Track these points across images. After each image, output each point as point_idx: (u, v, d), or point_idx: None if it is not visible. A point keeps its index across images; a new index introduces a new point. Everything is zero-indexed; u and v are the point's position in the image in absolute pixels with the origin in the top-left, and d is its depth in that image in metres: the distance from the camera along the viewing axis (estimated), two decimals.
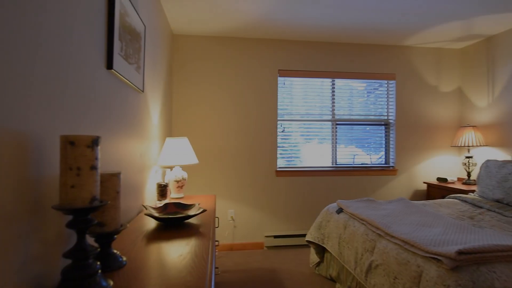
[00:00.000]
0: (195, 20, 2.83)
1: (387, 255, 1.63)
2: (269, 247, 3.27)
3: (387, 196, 3.53)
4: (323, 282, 2.46)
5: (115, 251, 0.97)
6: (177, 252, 1.09)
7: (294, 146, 3.50)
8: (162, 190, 1.92)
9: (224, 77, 3.26)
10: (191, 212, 1.58)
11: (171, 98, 3.14)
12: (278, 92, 3.38)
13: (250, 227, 3.29)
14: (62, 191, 0.73)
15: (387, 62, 3.54)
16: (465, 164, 3.26)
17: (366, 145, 3.62)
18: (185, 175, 2.17)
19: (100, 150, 1.18)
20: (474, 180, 3.19)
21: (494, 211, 2.32)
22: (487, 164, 2.71)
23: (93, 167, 0.76)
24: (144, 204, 1.66)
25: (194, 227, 1.42)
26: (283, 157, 3.46)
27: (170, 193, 2.20)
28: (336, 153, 3.52)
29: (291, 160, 3.48)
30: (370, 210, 2.22)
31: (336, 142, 3.52)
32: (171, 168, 2.35)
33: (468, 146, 3.20)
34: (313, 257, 2.65)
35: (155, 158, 2.23)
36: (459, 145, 3.27)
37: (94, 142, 0.76)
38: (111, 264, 0.92)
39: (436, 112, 3.61)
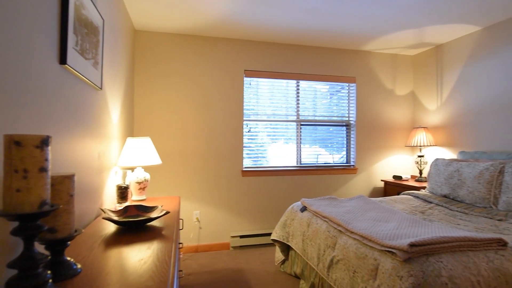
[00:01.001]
0: (158, 16, 2.74)
1: (347, 250, 1.71)
2: (235, 247, 3.26)
3: (348, 194, 3.69)
4: (288, 279, 2.51)
5: (68, 258, 0.91)
6: (137, 257, 1.05)
7: (261, 146, 3.53)
8: (123, 192, 1.84)
9: (189, 76, 3.20)
10: (154, 214, 1.53)
11: (133, 96, 3.02)
12: (244, 92, 3.39)
13: (216, 228, 3.26)
14: (6, 196, 0.67)
15: (348, 66, 3.70)
16: (418, 162, 3.51)
17: (329, 145, 3.76)
18: (147, 176, 2.09)
19: (51, 150, 1.10)
20: (425, 177, 3.44)
21: (442, 206, 2.53)
22: (436, 162, 2.94)
23: (43, 169, 0.70)
24: (102, 208, 1.58)
25: (157, 230, 1.38)
26: (249, 157, 3.48)
27: (132, 195, 2.11)
28: (300, 153, 3.61)
29: (258, 160, 3.51)
30: (332, 208, 2.31)
31: (300, 142, 3.61)
32: (132, 169, 2.25)
33: (420, 146, 3.45)
34: (278, 255, 2.69)
35: (115, 158, 2.13)
36: (412, 145, 3.52)
37: (44, 142, 0.71)
38: (64, 273, 0.87)
39: (392, 114, 3.85)
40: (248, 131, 3.45)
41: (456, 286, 1.28)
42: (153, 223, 1.50)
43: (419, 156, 3.50)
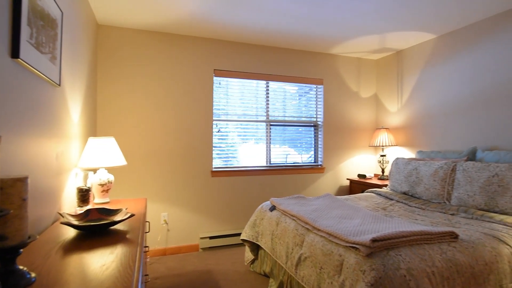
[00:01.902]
0: (123, 11, 2.63)
1: (314, 247, 1.76)
2: (204, 249, 3.23)
3: (316, 193, 3.79)
4: (257, 279, 2.52)
5: (21, 267, 0.85)
6: (99, 262, 1.00)
7: (231, 146, 3.52)
8: (84, 195, 1.74)
9: (156, 74, 3.11)
10: (117, 217, 1.47)
11: (96, 94, 2.87)
12: (214, 92, 3.36)
13: (184, 230, 3.20)
14: None
15: (316, 68, 3.80)
16: (380, 161, 3.69)
17: (299, 145, 3.84)
18: (111, 177, 2.00)
19: (0, 151, 1.02)
20: (387, 176, 3.63)
21: (401, 202, 2.68)
22: (397, 161, 3.11)
23: None
24: (61, 212, 1.49)
25: (121, 234, 1.33)
26: (220, 157, 3.45)
27: (94, 198, 2.01)
28: (270, 153, 3.65)
29: (228, 160, 3.49)
30: (300, 206, 2.36)
31: (270, 142, 3.65)
32: (94, 170, 2.15)
33: (382, 146, 3.64)
34: (248, 255, 2.70)
35: (76, 159, 2.01)
36: (375, 145, 3.69)
37: None
38: (16, 283, 0.80)
39: (357, 115, 4.02)
40: (218, 131, 3.42)
41: (413, 277, 1.37)
42: (117, 226, 1.44)
43: (382, 156, 3.68)
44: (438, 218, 2.16)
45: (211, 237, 3.23)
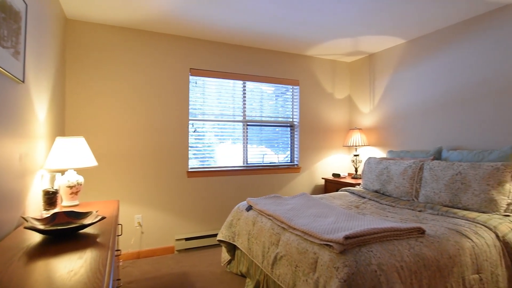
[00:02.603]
0: (93, 5, 2.53)
1: (290, 246, 1.78)
2: (180, 251, 3.17)
3: (292, 192, 3.84)
4: (234, 279, 2.52)
5: None
6: (67, 268, 0.96)
7: (208, 146, 3.48)
8: (50, 198, 1.66)
9: (130, 72, 3.01)
10: (87, 221, 1.41)
11: (64, 92, 2.74)
12: (190, 91, 3.31)
13: (159, 232, 3.13)
14: None
15: (292, 69, 3.85)
16: (353, 161, 3.81)
17: (276, 145, 3.87)
18: (80, 179, 1.92)
19: None
20: (360, 175, 3.75)
21: (373, 200, 2.78)
22: (369, 161, 3.22)
23: None
24: (24, 216, 1.41)
25: (91, 238, 1.28)
26: (196, 158, 3.41)
27: (62, 201, 1.92)
28: (247, 153, 3.66)
29: (205, 161, 3.46)
30: (276, 206, 2.38)
31: (247, 142, 3.65)
32: (62, 172, 2.05)
33: (356, 146, 3.75)
34: (225, 255, 2.69)
35: (42, 160, 1.91)
36: (349, 145, 3.80)
37: None
38: None
39: (332, 116, 4.12)
40: (194, 131, 3.38)
41: (384, 272, 1.42)
42: (87, 230, 1.38)
43: (355, 155, 3.80)
44: (407, 215, 2.26)
45: (187, 239, 3.18)
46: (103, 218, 1.36)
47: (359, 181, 3.58)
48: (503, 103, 2.51)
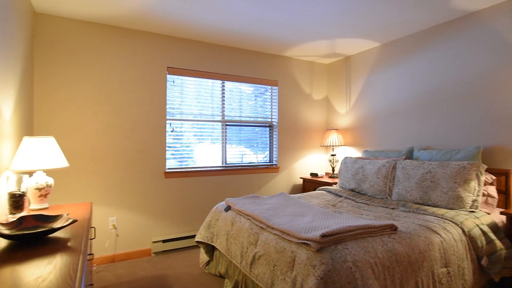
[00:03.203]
0: None
1: (268, 246, 1.79)
2: (157, 253, 3.11)
3: (271, 192, 3.87)
4: (212, 280, 2.50)
5: None
6: (34, 274, 0.91)
7: (187, 146, 3.43)
8: (17, 201, 1.57)
9: (103, 69, 2.91)
10: (57, 224, 1.35)
11: (33, 89, 2.60)
12: (167, 90, 3.25)
13: (135, 234, 3.05)
14: None
15: (271, 70, 3.88)
16: (331, 161, 3.89)
17: (255, 145, 3.88)
18: (50, 181, 1.83)
19: None
20: (337, 174, 3.84)
21: (349, 199, 2.85)
22: (345, 160, 3.30)
23: None
24: None
25: (61, 242, 1.22)
26: (175, 158, 3.35)
27: (29, 204, 1.82)
28: (226, 153, 3.64)
29: (184, 161, 3.40)
30: (255, 206, 2.39)
31: (226, 142, 3.63)
32: (30, 173, 1.95)
33: (333, 146, 3.84)
34: (203, 256, 2.66)
35: (7, 161, 1.80)
36: (326, 145, 3.88)
37: None
38: None
39: (310, 116, 4.18)
40: (172, 131, 3.32)
41: (358, 268, 1.46)
42: (57, 234, 1.32)
43: (332, 155, 3.88)
44: (381, 213, 2.34)
45: (164, 241, 3.12)
46: (74, 221, 1.31)
47: (336, 180, 3.67)
48: (469, 105, 2.66)
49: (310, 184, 3.83)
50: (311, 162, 4.20)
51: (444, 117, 2.85)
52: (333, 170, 3.89)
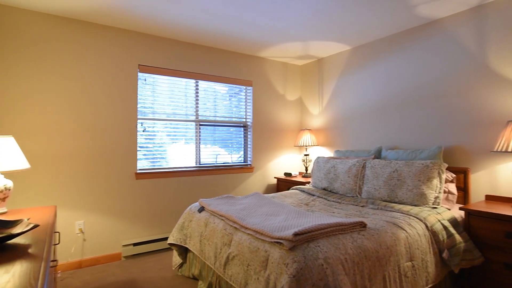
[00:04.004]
0: None
1: (242, 246, 1.79)
2: (128, 257, 3.00)
3: (245, 192, 3.87)
4: (186, 282, 2.46)
5: None
6: None
7: (160, 146, 3.34)
8: None
9: (69, 66, 2.77)
10: (16, 230, 1.27)
11: None
12: (138, 88, 3.15)
13: (104, 238, 2.93)
14: None
15: (245, 70, 3.88)
16: (304, 160, 3.97)
17: (230, 145, 3.87)
18: (8, 183, 1.72)
19: None
20: (310, 173, 3.92)
21: (321, 197, 2.92)
22: (318, 160, 3.38)
23: None
24: None
25: (21, 249, 1.15)
26: (147, 158, 3.25)
27: None
28: (199, 153, 3.59)
29: (157, 161, 3.32)
30: (229, 206, 2.38)
31: (199, 142, 3.59)
32: None
33: (306, 146, 3.91)
34: (176, 259, 2.61)
35: None
36: (299, 145, 3.95)
37: None
38: None
39: (284, 117, 4.24)
40: (144, 131, 3.22)
41: (330, 265, 1.50)
42: (16, 240, 1.24)
43: (305, 155, 3.96)
44: (351, 210, 2.42)
45: (135, 244, 3.02)
46: (35, 226, 1.23)
47: (309, 179, 3.74)
48: (431, 108, 2.82)
49: (284, 183, 3.88)
50: (285, 162, 4.25)
51: (409, 119, 3.00)
52: (306, 169, 3.96)
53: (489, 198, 2.42)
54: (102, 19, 2.81)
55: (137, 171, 3.12)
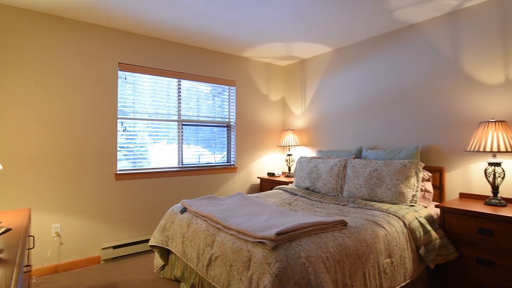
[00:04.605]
0: None
1: (225, 246, 1.79)
2: (107, 260, 2.93)
3: (229, 192, 3.86)
4: (168, 284, 2.42)
5: None
6: None
7: (141, 146, 3.27)
8: None
9: (45, 62, 2.67)
10: None
11: None
12: (119, 87, 3.08)
13: (82, 241, 2.84)
14: None
15: (229, 70, 3.87)
16: (287, 160, 4.00)
17: (213, 145, 3.84)
18: None
19: None
20: (293, 173, 3.95)
21: (304, 197, 2.95)
22: (300, 160, 3.42)
23: None
24: None
25: None
26: (128, 159, 3.18)
27: None
28: (182, 153, 3.55)
29: (138, 162, 3.24)
30: (211, 207, 2.36)
31: (182, 143, 3.54)
32: None
33: (289, 146, 3.95)
34: (158, 261, 2.57)
35: None
36: (282, 145, 3.98)
37: None
38: None
39: (267, 117, 4.26)
40: (124, 130, 3.15)
41: (311, 264, 1.52)
42: None
43: (288, 155, 3.99)
44: (333, 209, 2.46)
45: (115, 247, 2.95)
46: (8, 230, 1.18)
47: (292, 179, 3.77)
48: (409, 109, 2.92)
49: (267, 183, 3.90)
50: (268, 162, 4.27)
51: (388, 120, 3.09)
52: (289, 169, 4.00)
53: (463, 196, 2.52)
54: (81, 15, 2.72)
55: (117, 172, 3.04)
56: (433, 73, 2.75)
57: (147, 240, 3.12)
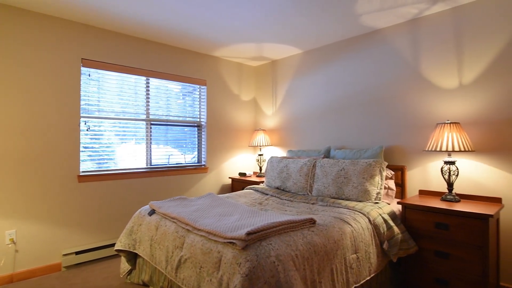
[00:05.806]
0: None
1: (194, 248, 1.76)
2: (69, 267, 2.77)
3: (200, 193, 3.81)
4: None
5: None
6: None
7: (107, 147, 3.13)
8: None
9: (3, 54, 2.47)
10: None
11: None
12: (82, 84, 2.92)
13: (41, 248, 2.66)
14: None
15: (200, 69, 3.82)
16: (258, 160, 4.02)
17: (184, 145, 3.77)
18: None
19: None
20: (264, 173, 3.98)
21: (275, 196, 2.99)
22: (271, 160, 3.45)
23: None
24: None
25: None
26: (92, 160, 3.03)
27: None
28: (151, 154, 3.45)
29: (104, 163, 3.10)
30: (181, 208, 2.32)
31: (150, 143, 3.44)
32: None
33: (260, 146, 3.97)
34: (124, 265, 2.47)
35: None
36: (254, 145, 4.00)
37: None
38: None
39: (238, 117, 4.25)
40: (88, 130, 3.00)
41: (281, 262, 1.54)
42: None
43: (259, 155, 4.02)
44: (302, 208, 2.52)
45: (77, 252, 2.79)
46: None
47: (263, 179, 3.80)
48: (374, 111, 3.05)
49: (239, 183, 3.90)
50: (240, 162, 4.27)
51: (354, 120, 3.21)
52: (260, 169, 4.02)
53: (422, 193, 2.69)
54: (39, 7, 2.55)
55: (80, 174, 2.89)
56: (396, 77, 2.89)
57: (113, 245, 2.99)
